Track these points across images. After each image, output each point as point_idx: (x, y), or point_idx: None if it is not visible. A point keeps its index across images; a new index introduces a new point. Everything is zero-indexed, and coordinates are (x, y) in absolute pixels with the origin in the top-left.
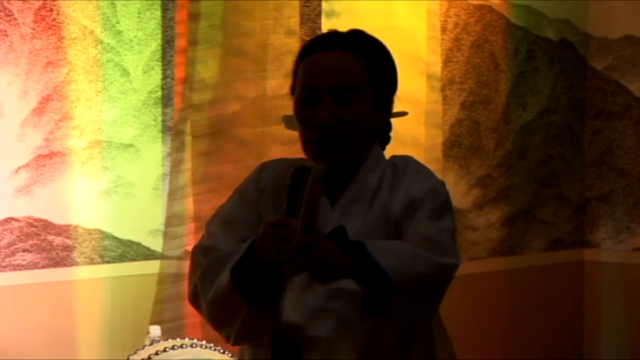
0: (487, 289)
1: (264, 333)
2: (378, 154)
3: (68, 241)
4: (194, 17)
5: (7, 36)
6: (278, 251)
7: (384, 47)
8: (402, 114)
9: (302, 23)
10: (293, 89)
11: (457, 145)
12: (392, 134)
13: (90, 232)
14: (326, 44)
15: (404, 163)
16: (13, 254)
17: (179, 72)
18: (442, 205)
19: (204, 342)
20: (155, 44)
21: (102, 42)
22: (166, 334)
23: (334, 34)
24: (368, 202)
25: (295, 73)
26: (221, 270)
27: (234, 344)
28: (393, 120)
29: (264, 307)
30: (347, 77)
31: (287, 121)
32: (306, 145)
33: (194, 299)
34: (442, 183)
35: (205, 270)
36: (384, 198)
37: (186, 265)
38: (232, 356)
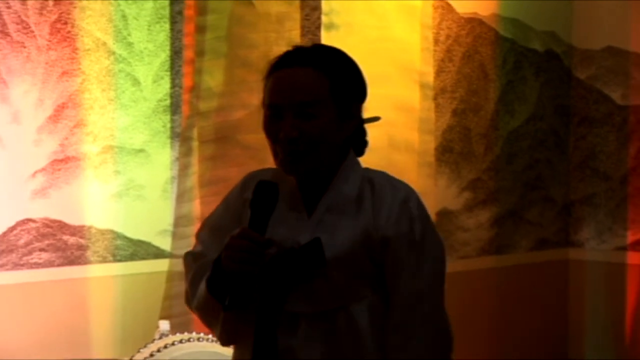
0: (476, 286)
1: (246, 335)
2: (352, 162)
3: (82, 241)
4: (200, 29)
5: (25, 47)
6: (242, 262)
7: (346, 58)
8: (374, 119)
9: (302, 35)
10: (263, 105)
11: (448, 150)
12: (368, 138)
13: (103, 232)
14: (288, 61)
15: (380, 186)
16: (30, 253)
17: (186, 82)
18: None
19: (210, 336)
20: (164, 55)
21: (114, 53)
22: (175, 328)
23: (297, 51)
24: (345, 213)
25: (264, 90)
26: (201, 279)
27: (222, 345)
28: (388, 127)
29: (239, 312)
30: (307, 92)
31: None
32: (276, 159)
33: (188, 302)
34: (416, 199)
35: (193, 276)
36: (366, 218)
37: None
38: None
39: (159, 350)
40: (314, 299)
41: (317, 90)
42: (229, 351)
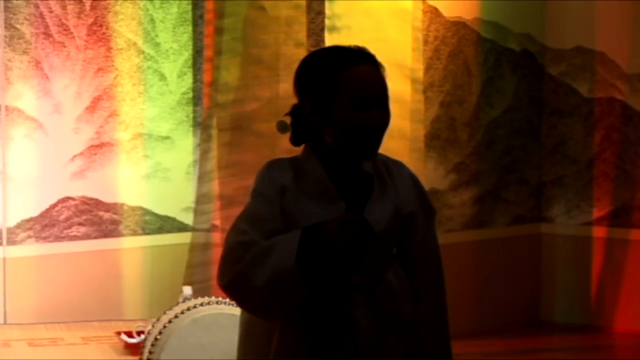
0: (460, 257)
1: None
2: None
3: (115, 216)
4: (219, 31)
5: (65, 47)
6: (349, 243)
7: None
8: None
9: (308, 36)
10: (315, 95)
11: (436, 138)
12: None
13: (133, 209)
14: (357, 58)
15: (391, 164)
16: (70, 227)
17: (207, 77)
18: (433, 209)
19: (227, 300)
20: (187, 53)
21: (143, 52)
22: (196, 293)
23: (354, 50)
24: (374, 193)
25: (325, 81)
26: (268, 259)
27: (275, 318)
28: None
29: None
30: (385, 86)
31: (282, 126)
32: (349, 144)
33: (235, 285)
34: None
35: (252, 260)
36: (392, 196)
37: (213, 236)
38: None
39: (182, 312)
40: (361, 270)
41: (386, 84)
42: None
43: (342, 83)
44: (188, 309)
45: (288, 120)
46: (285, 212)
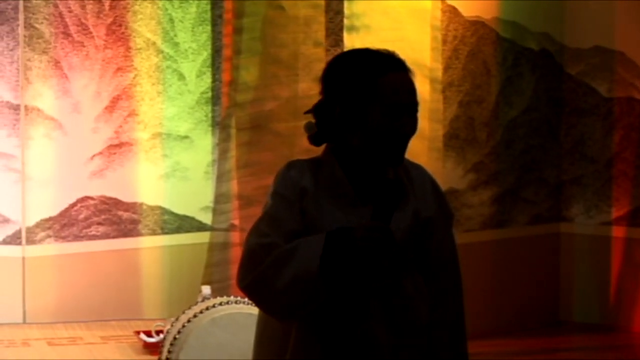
0: (479, 256)
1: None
2: None
3: (134, 216)
4: (238, 31)
5: (84, 47)
6: (374, 251)
7: None
8: None
9: (327, 36)
10: (348, 99)
11: (455, 137)
12: None
13: (152, 208)
14: (393, 65)
15: (411, 169)
16: (89, 226)
17: (225, 77)
18: (452, 214)
19: (246, 299)
20: (206, 53)
21: (162, 52)
22: (215, 293)
23: (388, 56)
24: (394, 198)
25: (361, 87)
26: (291, 262)
27: (293, 319)
28: None
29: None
30: (416, 93)
31: (310, 128)
32: (379, 150)
33: (255, 287)
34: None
35: (274, 262)
36: (411, 201)
37: (232, 235)
38: None
39: (201, 312)
40: (378, 276)
41: (417, 92)
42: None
43: (379, 90)
44: (207, 309)
45: (312, 119)
46: (304, 213)
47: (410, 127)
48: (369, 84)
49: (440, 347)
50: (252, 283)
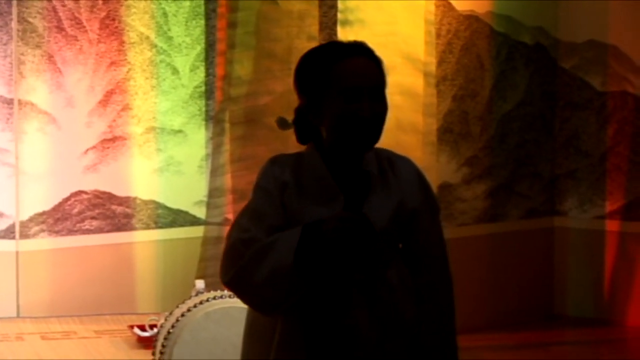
0: (473, 250)
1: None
2: None
3: (128, 210)
4: (232, 25)
5: (78, 41)
6: (346, 240)
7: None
8: None
9: (321, 30)
10: (310, 90)
11: (449, 131)
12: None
13: (146, 202)
14: (350, 51)
15: (395, 160)
16: (83, 220)
17: (219, 71)
18: (438, 206)
19: None
20: (200, 47)
21: (156, 46)
22: (209, 287)
23: (348, 44)
24: (376, 190)
25: (318, 76)
26: (268, 257)
27: (275, 313)
28: (395, 110)
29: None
30: (379, 77)
31: (281, 123)
32: (342, 137)
33: (236, 282)
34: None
35: (253, 257)
36: (394, 192)
37: (226, 229)
38: None
39: (195, 306)
40: (361, 268)
41: (382, 77)
42: None
43: (334, 75)
44: (201, 303)
45: (290, 118)
46: (286, 208)
47: (368, 110)
48: (324, 72)
49: (428, 340)
50: (233, 278)
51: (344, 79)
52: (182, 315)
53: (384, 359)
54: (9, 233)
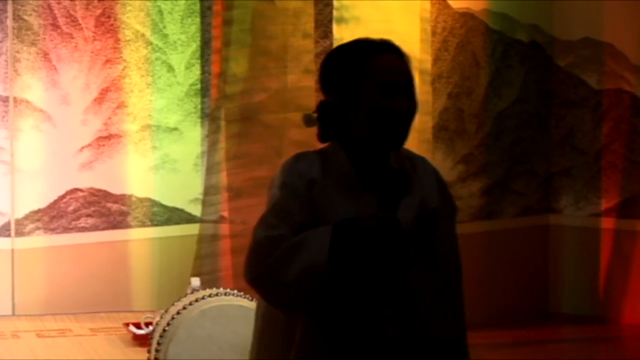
0: (468, 248)
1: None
2: None
3: (123, 208)
4: (227, 22)
5: (73, 38)
6: (381, 241)
7: None
8: None
9: (316, 28)
10: (343, 85)
11: (444, 129)
12: None
13: (142, 200)
14: (382, 47)
15: (415, 159)
16: (78, 218)
17: (215, 68)
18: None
19: (235, 291)
20: (195, 45)
21: (151, 44)
22: (204, 284)
23: (378, 41)
24: (401, 189)
25: (352, 70)
26: (299, 255)
27: (303, 314)
28: None
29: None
30: (410, 75)
31: (308, 120)
32: (376, 132)
33: (264, 280)
34: None
35: (282, 255)
36: (417, 192)
37: (222, 227)
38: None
39: (190, 304)
40: (387, 267)
41: (412, 74)
42: (251, 304)
43: (369, 70)
44: (196, 300)
45: (314, 115)
46: (313, 205)
47: (405, 105)
48: (358, 67)
49: (441, 338)
50: (260, 276)
51: (380, 73)
52: (178, 313)
53: (405, 357)
54: (4, 231)
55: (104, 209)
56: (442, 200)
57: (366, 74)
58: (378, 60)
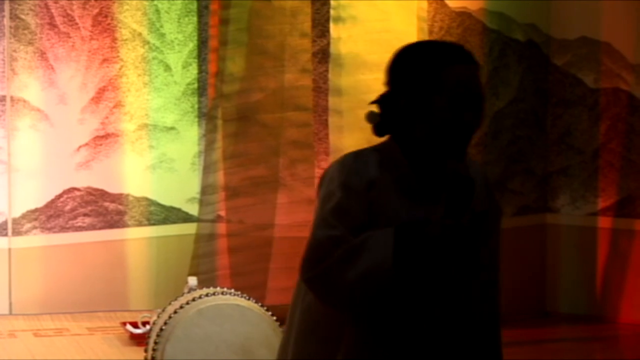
0: None
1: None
2: None
3: (121, 207)
4: (224, 21)
5: (70, 38)
6: (451, 245)
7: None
8: None
9: (313, 27)
10: (414, 89)
11: None
12: None
13: (139, 199)
14: (458, 57)
15: (469, 163)
16: (75, 217)
17: (212, 68)
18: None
19: (232, 290)
20: (192, 44)
21: (148, 43)
22: (202, 284)
23: (454, 48)
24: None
25: (428, 77)
26: (362, 257)
27: (358, 314)
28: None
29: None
30: (481, 87)
31: (372, 117)
32: (440, 142)
33: (323, 280)
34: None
35: (344, 256)
36: (483, 201)
37: (219, 226)
38: (255, 302)
39: (187, 303)
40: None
41: (482, 86)
42: (248, 303)
43: (442, 81)
44: (193, 300)
45: (376, 109)
46: (372, 205)
47: (472, 118)
48: (433, 76)
49: (480, 338)
50: (319, 276)
51: (453, 86)
52: (175, 312)
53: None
54: (1, 230)
55: (101, 208)
56: (490, 203)
57: (439, 84)
58: (453, 71)
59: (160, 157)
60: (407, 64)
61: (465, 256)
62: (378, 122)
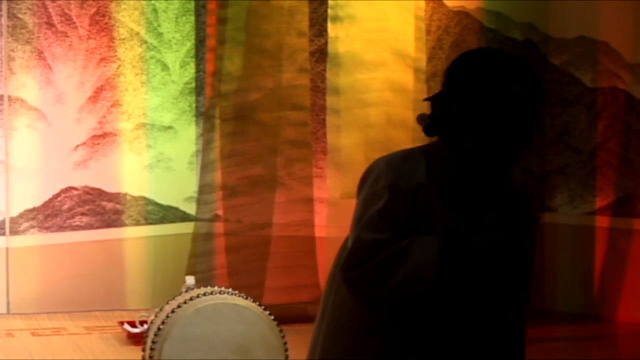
0: None
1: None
2: None
3: (118, 206)
4: (222, 21)
5: (67, 37)
6: (495, 266)
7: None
8: None
9: (311, 26)
10: (469, 100)
11: None
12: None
13: (136, 198)
14: (520, 77)
15: (517, 169)
16: (72, 216)
17: (209, 67)
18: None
19: (230, 289)
20: (190, 43)
21: (146, 42)
22: (199, 283)
23: (524, 68)
24: (506, 206)
25: (484, 93)
26: (405, 263)
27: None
28: (386, 106)
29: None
30: (536, 109)
31: (423, 119)
32: (486, 157)
33: (363, 281)
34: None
35: (387, 260)
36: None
37: (216, 226)
38: (253, 301)
39: (185, 302)
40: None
41: (536, 107)
42: (246, 302)
43: (499, 101)
44: (191, 299)
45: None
46: (418, 209)
47: (524, 140)
48: (490, 94)
49: (510, 343)
50: (360, 276)
51: (510, 107)
52: (173, 311)
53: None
54: None
55: (99, 208)
56: (528, 208)
57: (494, 103)
58: (510, 93)
59: (158, 156)
60: (466, 73)
61: (504, 270)
62: (430, 122)
